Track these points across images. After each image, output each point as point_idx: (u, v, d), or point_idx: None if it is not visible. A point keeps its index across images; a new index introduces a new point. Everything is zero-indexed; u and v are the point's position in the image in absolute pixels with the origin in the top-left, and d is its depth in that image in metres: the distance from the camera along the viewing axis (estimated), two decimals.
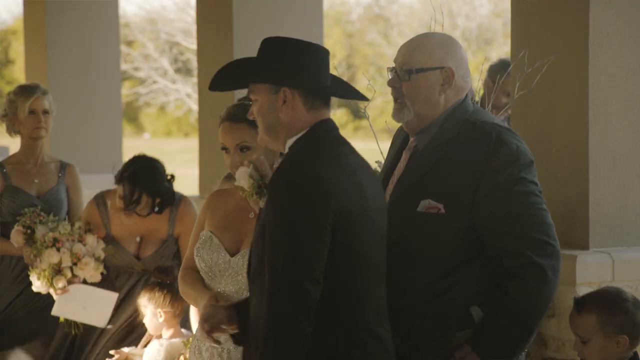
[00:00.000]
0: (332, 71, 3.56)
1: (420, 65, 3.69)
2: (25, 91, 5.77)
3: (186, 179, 11.69)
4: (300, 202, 3.24)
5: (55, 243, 5.25)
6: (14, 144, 6.27)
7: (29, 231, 5.37)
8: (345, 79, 3.66)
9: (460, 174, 3.60)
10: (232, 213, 4.02)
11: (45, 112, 5.76)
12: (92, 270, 5.28)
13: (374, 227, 3.41)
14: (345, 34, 37.73)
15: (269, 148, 3.72)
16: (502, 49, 31.85)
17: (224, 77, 3.51)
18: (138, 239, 5.42)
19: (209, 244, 4.03)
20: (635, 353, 3.64)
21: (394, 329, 3.56)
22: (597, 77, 5.10)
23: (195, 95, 29.35)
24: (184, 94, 33.18)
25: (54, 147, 8.70)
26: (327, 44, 30.87)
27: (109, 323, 5.40)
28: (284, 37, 3.49)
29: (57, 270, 5.26)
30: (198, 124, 7.75)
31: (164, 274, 5.13)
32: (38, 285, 5.29)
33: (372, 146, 5.02)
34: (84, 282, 5.38)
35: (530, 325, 3.59)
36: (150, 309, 5.07)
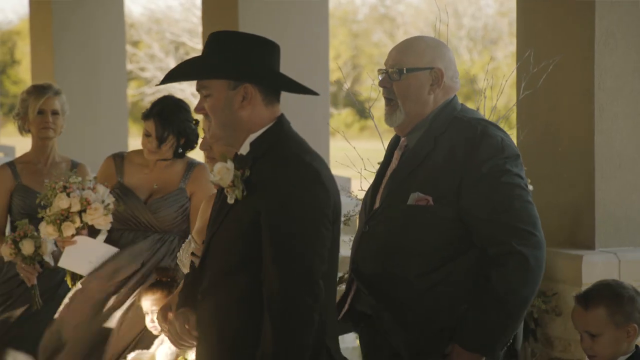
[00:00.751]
0: (337, 71, 3.56)
1: (410, 65, 3.80)
2: (37, 91, 5.76)
3: None
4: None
5: (65, 189, 5.21)
6: (21, 143, 6.28)
7: (13, 246, 5.35)
8: (350, 79, 3.65)
9: (446, 166, 3.68)
10: None
11: (55, 112, 5.74)
12: (100, 217, 5.22)
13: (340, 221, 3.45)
14: (351, 34, 37.74)
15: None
16: (507, 49, 31.82)
17: (178, 74, 3.42)
18: (156, 185, 5.37)
19: (189, 249, 4.14)
20: (637, 348, 3.64)
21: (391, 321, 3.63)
22: (603, 77, 5.10)
23: None
24: (189, 94, 33.21)
25: (60, 147, 8.70)
26: (333, 44, 30.88)
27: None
28: (233, 31, 3.43)
29: (66, 217, 5.22)
30: (202, 124, 7.75)
31: (166, 272, 5.11)
32: (46, 231, 5.22)
33: (377, 146, 5.03)
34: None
35: (512, 313, 3.61)
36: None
